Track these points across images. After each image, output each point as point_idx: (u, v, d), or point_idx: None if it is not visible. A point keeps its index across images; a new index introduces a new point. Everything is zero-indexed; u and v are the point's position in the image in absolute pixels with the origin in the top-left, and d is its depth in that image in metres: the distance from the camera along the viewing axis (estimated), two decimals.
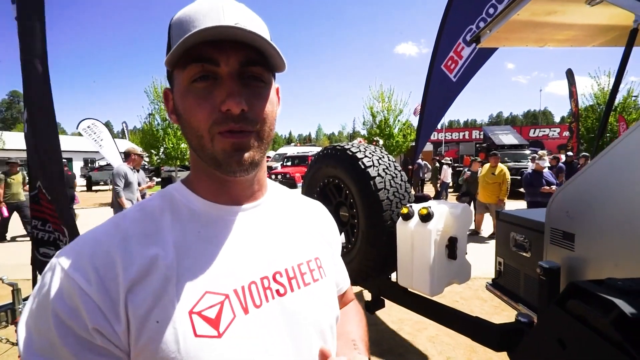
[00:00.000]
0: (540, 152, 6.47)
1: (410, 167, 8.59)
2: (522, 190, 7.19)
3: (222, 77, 0.46)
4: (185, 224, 0.49)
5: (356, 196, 2.11)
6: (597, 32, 2.40)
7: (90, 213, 11.20)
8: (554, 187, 5.41)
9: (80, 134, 11.61)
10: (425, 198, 2.30)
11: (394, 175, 2.10)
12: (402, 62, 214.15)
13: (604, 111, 2.27)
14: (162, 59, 0.52)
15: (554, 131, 24.81)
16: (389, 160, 2.20)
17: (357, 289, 3.66)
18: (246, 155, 0.47)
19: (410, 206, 1.88)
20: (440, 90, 4.87)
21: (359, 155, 2.14)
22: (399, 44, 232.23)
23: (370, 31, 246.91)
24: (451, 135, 25.21)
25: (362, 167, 2.07)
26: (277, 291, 0.51)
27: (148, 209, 0.50)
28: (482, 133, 22.28)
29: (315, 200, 0.73)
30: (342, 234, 2.44)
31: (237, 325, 0.46)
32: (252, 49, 0.46)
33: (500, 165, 6.36)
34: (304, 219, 0.64)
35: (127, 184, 4.82)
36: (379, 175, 2.05)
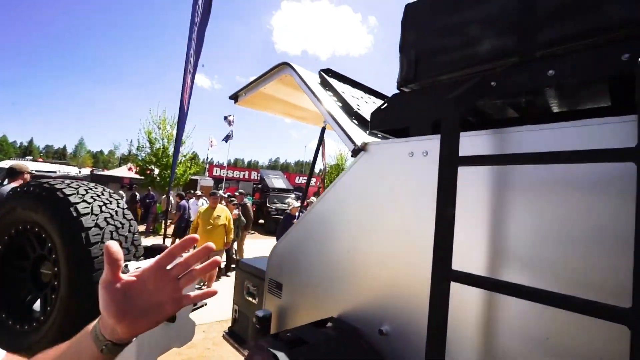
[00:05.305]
0: (290, 199, 7.74)
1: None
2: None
3: None
4: None
5: (59, 251, 1.64)
6: (321, 117, 3.16)
7: None
8: None
9: None
10: (160, 249, 2.10)
11: (119, 225, 1.80)
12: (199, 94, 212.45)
13: (307, 179, 2.98)
14: None
15: (313, 180, 31.03)
16: (117, 206, 1.88)
17: None
18: None
19: (126, 265, 1.63)
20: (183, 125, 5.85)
21: (74, 198, 1.71)
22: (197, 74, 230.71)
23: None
24: (233, 173, 26.57)
25: (74, 214, 1.66)
26: None
27: None
28: (259, 175, 24.76)
29: None
30: (39, 299, 1.83)
31: None
32: None
33: (221, 206, 5.78)
34: None
35: None
36: (96, 225, 1.69)
